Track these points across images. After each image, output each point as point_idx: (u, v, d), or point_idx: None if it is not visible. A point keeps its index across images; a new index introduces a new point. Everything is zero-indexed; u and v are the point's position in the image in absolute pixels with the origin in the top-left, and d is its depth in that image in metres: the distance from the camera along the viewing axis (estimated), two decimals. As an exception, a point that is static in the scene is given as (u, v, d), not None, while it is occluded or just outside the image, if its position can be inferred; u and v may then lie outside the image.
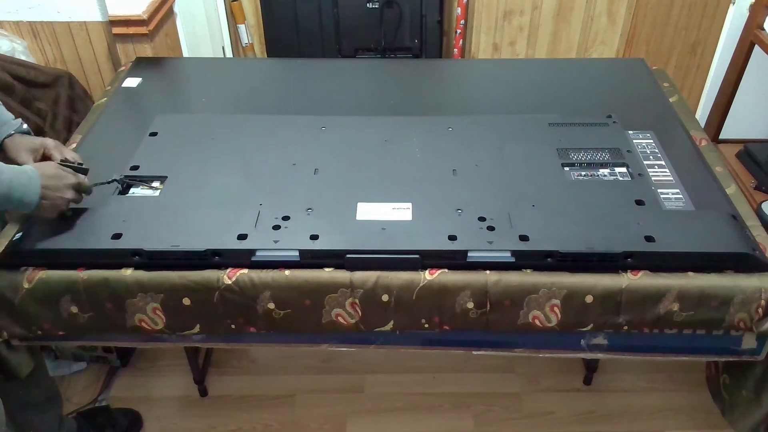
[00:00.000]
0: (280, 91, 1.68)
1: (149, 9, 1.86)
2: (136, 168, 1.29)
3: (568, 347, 1.20)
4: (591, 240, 1.11)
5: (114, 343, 1.63)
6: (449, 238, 1.12)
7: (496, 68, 1.86)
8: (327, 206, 1.20)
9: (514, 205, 1.19)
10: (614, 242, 1.10)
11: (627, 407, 1.75)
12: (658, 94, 1.59)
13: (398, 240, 1.12)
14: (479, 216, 1.16)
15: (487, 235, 1.13)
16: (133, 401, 1.74)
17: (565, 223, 1.15)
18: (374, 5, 2.57)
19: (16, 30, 1.83)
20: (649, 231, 1.12)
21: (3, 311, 1.13)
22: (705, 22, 2.55)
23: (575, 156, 1.32)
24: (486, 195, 1.22)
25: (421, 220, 1.17)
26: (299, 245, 1.11)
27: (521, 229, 1.13)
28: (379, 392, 1.79)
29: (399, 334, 1.17)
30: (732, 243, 1.11)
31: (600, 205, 1.20)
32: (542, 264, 1.11)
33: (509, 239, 1.12)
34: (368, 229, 1.14)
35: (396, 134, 1.40)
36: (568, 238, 1.11)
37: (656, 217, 1.17)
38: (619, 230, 1.13)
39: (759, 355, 1.17)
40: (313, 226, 1.15)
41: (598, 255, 1.09)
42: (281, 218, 1.16)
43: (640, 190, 1.23)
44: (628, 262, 1.09)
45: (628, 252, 1.09)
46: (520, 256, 1.11)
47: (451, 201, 1.21)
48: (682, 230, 1.13)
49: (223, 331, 1.16)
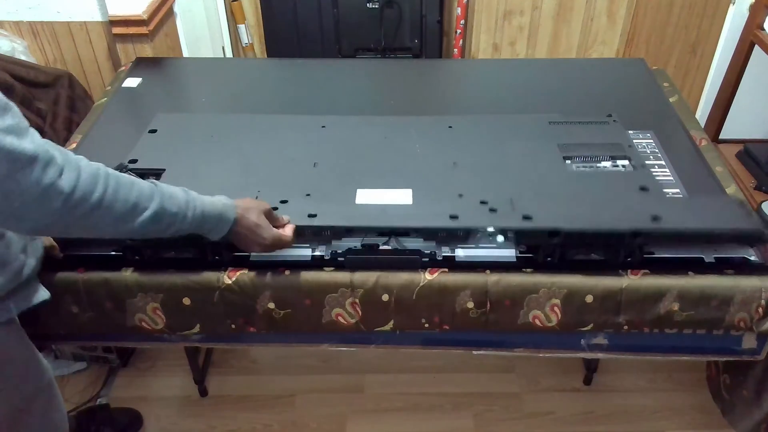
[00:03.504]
0: (280, 91, 1.68)
1: (149, 9, 1.86)
2: (134, 162, 1.29)
3: (568, 347, 1.20)
4: (596, 220, 1.09)
5: (114, 343, 1.63)
6: (450, 218, 1.11)
7: (496, 68, 1.86)
8: (325, 192, 1.19)
9: (516, 191, 1.18)
10: (620, 222, 1.08)
11: (627, 407, 1.75)
12: (658, 94, 1.59)
13: (398, 219, 1.11)
14: (481, 200, 1.16)
15: (489, 216, 1.12)
16: (133, 401, 1.74)
17: (568, 206, 1.13)
18: (374, 5, 2.57)
19: (16, 30, 1.83)
20: (655, 211, 1.10)
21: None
22: (705, 22, 2.55)
23: (577, 150, 1.31)
24: (487, 183, 1.21)
25: (422, 203, 1.16)
26: (297, 222, 1.10)
27: (524, 211, 1.12)
28: (379, 392, 1.79)
29: (399, 334, 1.17)
30: (744, 221, 1.09)
31: (603, 192, 1.18)
32: (546, 245, 1.09)
33: (512, 220, 1.10)
34: (367, 211, 1.14)
35: (396, 132, 1.40)
36: (573, 218, 1.09)
37: (662, 201, 1.14)
38: (624, 212, 1.11)
39: (759, 354, 1.17)
40: (311, 207, 1.14)
41: (604, 234, 1.07)
42: (279, 202, 1.16)
43: (645, 179, 1.21)
44: (635, 243, 1.07)
45: (636, 230, 1.06)
46: (523, 236, 1.10)
47: (452, 188, 1.20)
48: (691, 211, 1.11)
49: (223, 331, 1.16)
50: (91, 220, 0.82)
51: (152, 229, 0.90)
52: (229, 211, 1.00)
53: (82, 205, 0.79)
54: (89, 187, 0.79)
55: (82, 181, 0.78)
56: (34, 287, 1.00)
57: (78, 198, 0.78)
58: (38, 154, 0.74)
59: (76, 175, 0.78)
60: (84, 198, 0.79)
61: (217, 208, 0.98)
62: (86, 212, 0.80)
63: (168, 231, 0.93)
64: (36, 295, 1.00)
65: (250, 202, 1.04)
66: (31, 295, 0.99)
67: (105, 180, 0.82)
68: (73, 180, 0.77)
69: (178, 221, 0.92)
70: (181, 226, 0.94)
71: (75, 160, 0.79)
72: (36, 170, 0.74)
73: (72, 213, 0.79)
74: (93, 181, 0.80)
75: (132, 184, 0.86)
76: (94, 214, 0.81)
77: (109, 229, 0.86)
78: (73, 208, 0.78)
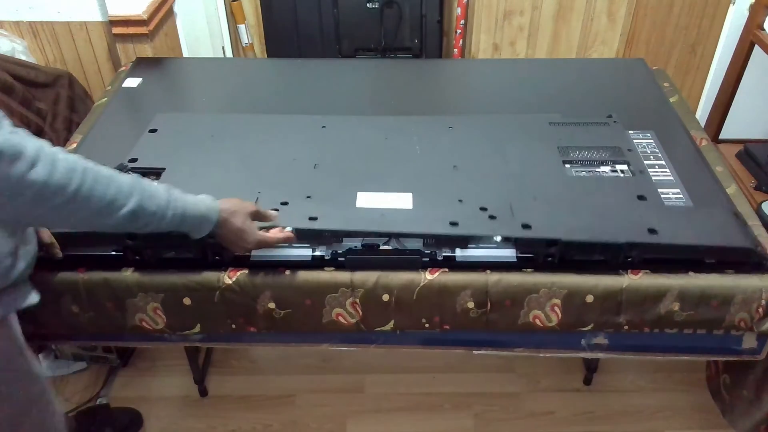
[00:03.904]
0: (280, 91, 1.68)
1: (149, 9, 1.86)
2: (134, 161, 1.29)
3: (568, 347, 1.20)
4: (594, 231, 1.10)
5: (114, 343, 1.63)
6: (450, 224, 1.12)
7: (496, 68, 1.86)
8: (326, 194, 1.19)
9: (516, 198, 1.18)
10: (617, 233, 1.09)
11: (627, 407, 1.75)
12: (658, 94, 1.59)
13: (398, 225, 1.12)
14: (481, 206, 1.16)
15: (489, 223, 1.12)
16: (133, 401, 1.74)
17: (567, 214, 1.14)
18: (374, 5, 2.57)
19: (16, 30, 1.83)
20: (651, 224, 1.11)
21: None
22: (705, 22, 2.55)
23: (576, 154, 1.32)
24: (487, 188, 1.22)
25: (422, 207, 1.16)
26: (297, 225, 1.10)
27: (523, 219, 1.13)
28: (379, 392, 1.79)
29: (399, 334, 1.17)
30: (735, 238, 1.10)
31: (602, 199, 1.19)
32: (545, 253, 1.10)
33: (511, 228, 1.11)
34: (367, 215, 1.14)
35: (396, 133, 1.40)
36: (571, 228, 1.10)
37: (659, 211, 1.16)
38: (621, 222, 1.12)
39: (759, 354, 1.17)
40: (311, 210, 1.14)
41: (601, 245, 1.08)
42: (280, 203, 1.16)
43: (642, 186, 1.22)
44: (632, 254, 1.09)
45: (631, 243, 1.08)
46: (522, 244, 1.10)
47: (452, 192, 1.20)
48: (685, 224, 1.13)
49: (224, 330, 1.16)
50: (64, 214, 0.82)
51: (129, 226, 0.90)
52: (212, 213, 1.00)
53: (54, 199, 0.79)
54: (63, 181, 0.79)
55: (55, 175, 0.78)
56: (23, 290, 0.99)
57: (51, 191, 0.78)
58: (2, 149, 0.74)
59: (49, 169, 0.77)
60: (57, 192, 0.79)
61: (199, 210, 0.98)
62: (59, 206, 0.80)
63: (146, 228, 0.94)
64: (25, 298, 0.99)
65: (236, 205, 1.04)
66: (18, 298, 0.98)
67: (82, 174, 0.81)
68: (45, 173, 0.77)
69: (157, 220, 0.93)
70: (160, 224, 0.94)
71: (51, 153, 0.79)
72: (2, 165, 0.74)
73: (44, 206, 0.79)
74: (68, 174, 0.80)
75: (110, 179, 0.86)
76: (68, 207, 0.81)
77: (84, 223, 0.86)
78: (45, 201, 0.78)
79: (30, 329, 1.14)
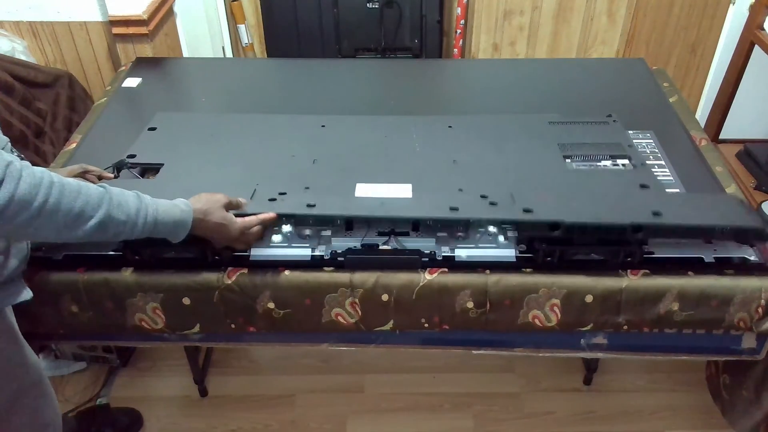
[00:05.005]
0: (280, 91, 1.68)
1: (149, 9, 1.86)
2: (132, 157, 1.28)
3: (568, 347, 1.20)
4: (597, 214, 1.08)
5: (114, 342, 1.63)
6: (451, 209, 1.10)
7: (496, 68, 1.87)
8: (325, 186, 1.19)
9: (517, 187, 1.17)
10: (621, 215, 1.07)
11: (627, 407, 1.75)
12: (658, 94, 1.59)
13: (397, 211, 1.11)
14: (481, 194, 1.15)
15: (490, 209, 1.11)
16: (133, 401, 1.74)
17: (569, 200, 1.13)
18: (374, 5, 2.57)
19: (16, 30, 1.84)
20: (656, 207, 1.09)
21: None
22: (705, 22, 2.55)
23: (576, 150, 1.31)
24: (487, 179, 1.21)
25: (422, 196, 1.16)
26: (296, 212, 1.10)
27: (524, 205, 1.11)
28: (379, 392, 1.79)
29: (399, 334, 1.17)
30: (744, 218, 1.09)
31: (604, 188, 1.18)
32: (547, 238, 1.08)
33: (513, 212, 1.10)
34: (366, 203, 1.14)
35: (396, 132, 1.39)
36: (574, 211, 1.08)
37: (664, 196, 1.14)
38: (625, 206, 1.10)
39: (759, 354, 1.17)
40: (310, 199, 1.14)
41: (605, 226, 1.06)
42: (278, 193, 1.15)
43: (645, 177, 1.21)
44: (637, 237, 1.06)
45: (637, 224, 1.05)
46: (524, 229, 1.09)
47: (452, 183, 1.20)
48: (692, 208, 1.11)
49: (223, 330, 1.16)
50: (30, 229, 0.83)
51: (99, 236, 0.90)
52: (186, 216, 1.00)
53: (19, 216, 0.80)
54: (27, 197, 0.80)
55: (18, 192, 0.78)
56: (15, 287, 1.00)
57: (15, 209, 0.79)
58: None
59: (13, 186, 0.78)
60: (21, 209, 0.79)
61: (172, 215, 0.98)
62: (25, 222, 0.81)
63: (117, 238, 0.94)
64: (17, 294, 1.00)
65: (207, 202, 1.04)
66: (11, 294, 0.99)
67: (47, 189, 0.82)
68: (9, 192, 0.78)
69: (128, 229, 0.93)
70: (131, 233, 0.94)
71: (16, 170, 0.79)
72: None
73: (10, 223, 0.79)
74: (32, 191, 0.80)
75: (78, 192, 0.86)
76: (34, 223, 0.82)
77: (52, 235, 0.86)
78: (10, 218, 0.79)
79: (30, 329, 1.14)
